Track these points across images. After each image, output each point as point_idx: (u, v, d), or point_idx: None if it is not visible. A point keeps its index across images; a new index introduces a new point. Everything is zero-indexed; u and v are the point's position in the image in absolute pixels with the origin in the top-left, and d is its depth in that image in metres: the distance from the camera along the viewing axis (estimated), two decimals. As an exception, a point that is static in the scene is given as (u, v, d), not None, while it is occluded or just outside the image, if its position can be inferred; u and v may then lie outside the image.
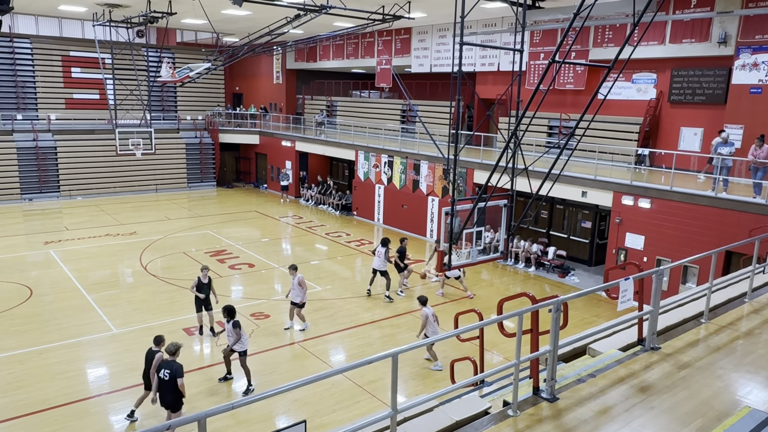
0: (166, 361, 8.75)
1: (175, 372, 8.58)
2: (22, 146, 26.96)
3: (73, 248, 19.51)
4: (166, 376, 8.60)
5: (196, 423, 3.31)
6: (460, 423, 4.95)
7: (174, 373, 8.57)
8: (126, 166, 28.95)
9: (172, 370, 8.59)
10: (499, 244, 11.49)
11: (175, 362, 8.70)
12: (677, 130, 17.36)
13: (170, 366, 8.65)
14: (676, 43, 16.69)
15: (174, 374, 8.57)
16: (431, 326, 11.60)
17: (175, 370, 8.59)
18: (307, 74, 33.31)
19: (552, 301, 5.20)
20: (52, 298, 14.92)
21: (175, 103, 32.88)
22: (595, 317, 14.37)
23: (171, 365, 8.65)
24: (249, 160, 34.10)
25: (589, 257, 19.08)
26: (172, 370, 8.60)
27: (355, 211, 26.03)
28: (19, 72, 28.12)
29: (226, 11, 21.42)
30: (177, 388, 8.62)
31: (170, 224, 23.39)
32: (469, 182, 20.05)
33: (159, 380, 8.70)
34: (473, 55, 22.49)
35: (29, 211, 25.49)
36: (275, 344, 12.56)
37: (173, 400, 8.72)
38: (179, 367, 8.66)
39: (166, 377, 8.61)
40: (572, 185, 16.48)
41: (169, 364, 8.68)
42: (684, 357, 6.17)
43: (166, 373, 8.60)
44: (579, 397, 5.27)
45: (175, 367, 8.61)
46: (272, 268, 18.00)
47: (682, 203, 14.29)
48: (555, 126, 20.34)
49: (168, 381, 8.59)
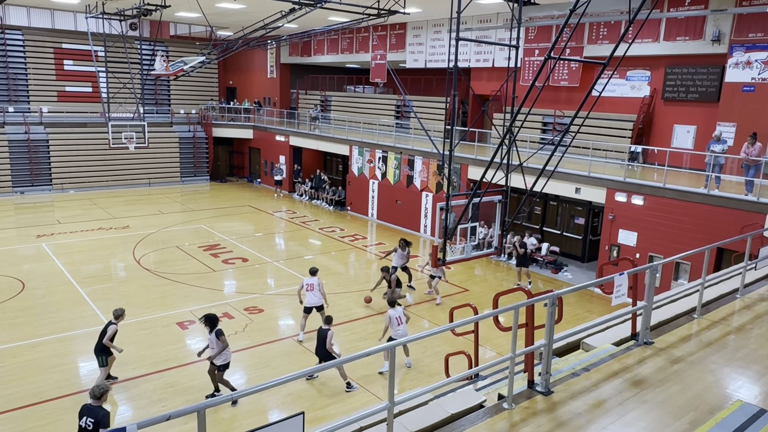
0: (90, 407, 7.11)
1: (99, 420, 7.00)
2: (14, 139, 26.74)
3: (66, 242, 19.40)
4: (89, 425, 6.99)
5: (195, 414, 3.32)
6: (455, 416, 4.98)
7: (98, 422, 6.98)
8: (119, 159, 28.79)
9: (97, 418, 7.01)
10: (492, 239, 11.53)
11: (102, 408, 7.14)
12: (670, 128, 17.47)
13: (95, 413, 7.06)
14: (671, 41, 16.77)
15: (98, 424, 6.98)
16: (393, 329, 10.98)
17: (100, 418, 7.02)
18: (302, 69, 33.21)
19: (548, 296, 5.23)
20: (44, 292, 14.84)
21: (168, 97, 32.70)
22: (588, 313, 14.47)
23: (96, 412, 7.06)
24: (242, 155, 33.99)
25: (582, 253, 19.19)
26: (97, 418, 7.02)
27: (348, 206, 26.02)
28: (11, 64, 27.85)
29: (220, 4, 21.31)
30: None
31: (163, 218, 23.30)
32: (463, 178, 20.09)
33: (80, 429, 7.10)
34: (468, 50, 22.49)
35: (21, 204, 25.30)
36: (269, 339, 12.56)
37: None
38: (105, 414, 7.11)
39: (89, 427, 7.00)
40: (566, 182, 16.55)
41: (94, 410, 7.08)
42: (677, 352, 6.24)
43: (89, 421, 7.00)
44: (573, 391, 5.32)
45: (102, 415, 7.06)
46: (266, 263, 17.98)
47: (674, 200, 14.39)
48: (549, 122, 20.41)
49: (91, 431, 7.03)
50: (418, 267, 18.30)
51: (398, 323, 11.00)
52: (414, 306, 14.91)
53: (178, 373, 10.90)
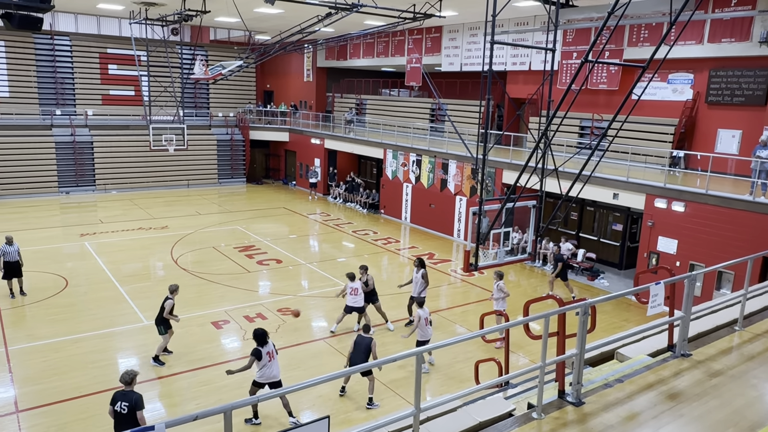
0: (123, 392, 7.50)
1: (134, 404, 7.41)
2: (61, 141, 27.76)
3: (107, 241, 20.00)
4: (124, 409, 7.38)
5: (221, 415, 3.37)
6: (483, 424, 4.92)
7: (133, 406, 7.41)
8: (159, 161, 29.55)
9: (131, 402, 7.40)
10: (526, 245, 11.37)
11: (134, 392, 7.53)
12: (714, 132, 16.92)
13: (128, 397, 7.43)
14: (715, 43, 16.26)
15: (133, 407, 7.41)
16: (422, 329, 11.03)
17: (134, 401, 7.42)
18: (337, 72, 33.46)
19: (579, 304, 5.12)
20: (86, 289, 15.32)
21: (207, 100, 33.42)
22: (625, 322, 14.12)
23: (129, 396, 7.43)
24: (278, 157, 34.44)
25: (619, 260, 18.74)
26: (131, 402, 7.41)
27: (382, 209, 26.07)
28: (59, 69, 28.91)
29: (258, 9, 21.65)
30: (136, 422, 7.38)
31: (201, 219, 23.79)
32: (497, 182, 19.89)
33: (116, 414, 7.46)
34: (504, 54, 22.28)
35: (66, 203, 26.22)
36: (301, 340, 12.67)
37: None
38: (138, 397, 7.49)
39: (124, 411, 7.37)
40: (603, 187, 16.21)
41: (127, 395, 7.45)
42: (716, 365, 6.02)
43: (124, 406, 7.39)
44: (605, 402, 5.19)
45: (135, 399, 7.45)
46: (299, 265, 18.15)
47: (717, 207, 13.93)
48: (587, 126, 20.02)
49: (126, 415, 7.36)
50: (450, 271, 18.20)
51: (426, 323, 11.08)
52: (445, 311, 14.83)
53: (212, 372, 11.09)
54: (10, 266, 14.18)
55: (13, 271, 14.27)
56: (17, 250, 14.24)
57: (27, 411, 9.62)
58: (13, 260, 14.16)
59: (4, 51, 27.32)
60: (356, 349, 10.02)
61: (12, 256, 14.12)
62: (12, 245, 14.18)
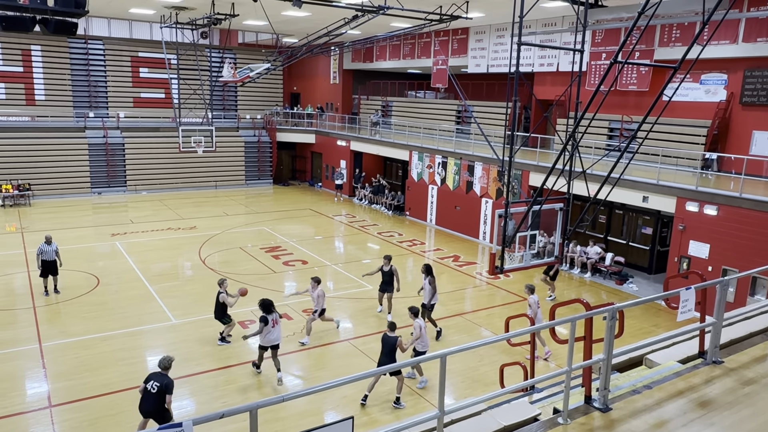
0: (157, 374, 8.32)
1: (165, 387, 8.16)
2: (93, 142, 28.45)
3: (137, 240, 20.41)
4: (154, 388, 8.16)
5: (247, 414, 3.41)
6: (508, 428, 4.87)
7: (164, 389, 8.15)
8: (188, 162, 30.06)
9: (162, 385, 8.17)
10: (553, 248, 11.24)
11: (167, 377, 8.30)
12: (749, 134, 16.48)
13: (161, 380, 8.22)
14: (750, 42, 15.85)
15: (164, 389, 8.15)
16: (423, 339, 10.59)
17: (165, 385, 8.17)
18: (364, 74, 33.59)
19: (607, 309, 5.04)
20: (117, 288, 15.66)
21: (235, 103, 33.87)
22: (654, 327, 13.85)
23: (162, 379, 8.22)
24: (305, 159, 34.70)
25: (649, 265, 18.39)
26: (162, 384, 8.17)
27: (407, 211, 26.05)
28: (92, 72, 29.64)
29: (286, 13, 21.87)
30: (161, 402, 8.16)
31: (228, 220, 24.11)
32: (524, 185, 19.70)
33: (145, 390, 8.24)
34: (532, 55, 22.08)
35: (98, 204, 26.84)
36: (326, 341, 12.73)
37: (153, 410, 8.21)
38: (170, 382, 8.25)
39: (153, 390, 8.16)
40: (633, 190, 15.93)
41: (160, 377, 8.25)
42: (749, 373, 5.86)
43: (155, 385, 8.17)
44: (633, 409, 5.09)
45: (166, 382, 8.20)
46: (325, 266, 18.25)
47: (752, 211, 13.57)
48: (616, 128, 19.71)
49: (155, 394, 8.15)
50: (476, 274, 18.10)
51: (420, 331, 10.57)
52: (470, 314, 14.74)
53: (239, 371, 11.23)
54: (47, 265, 14.65)
55: (48, 269, 14.72)
56: (54, 250, 14.70)
57: (59, 406, 9.87)
58: (50, 259, 14.62)
59: (41, 55, 28.12)
60: (382, 350, 10.03)
61: (49, 255, 14.59)
62: (50, 245, 14.68)
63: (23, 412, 9.66)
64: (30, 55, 27.91)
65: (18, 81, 27.85)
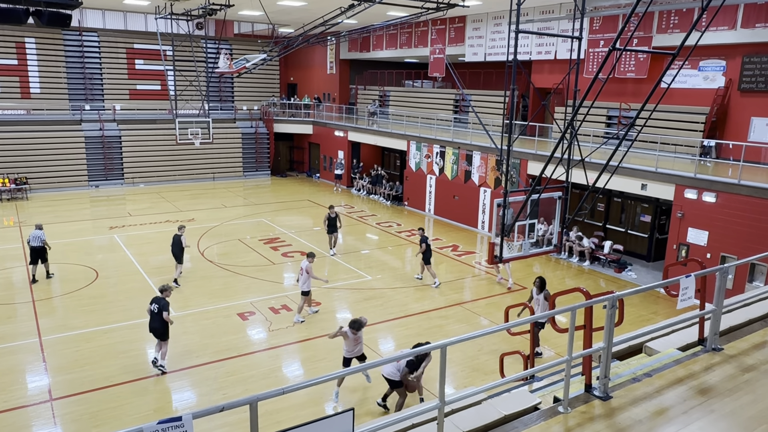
0: (157, 298, 10.80)
1: (162, 307, 10.57)
2: (90, 135, 28.31)
3: (136, 233, 20.36)
4: (155, 309, 10.62)
5: (248, 406, 3.40)
6: (508, 417, 4.88)
7: (161, 308, 10.56)
8: (185, 154, 29.95)
9: (160, 305, 10.59)
10: (552, 236, 11.24)
11: (163, 299, 10.69)
12: (747, 121, 16.45)
13: (159, 302, 10.66)
14: (749, 28, 15.77)
15: (161, 308, 10.55)
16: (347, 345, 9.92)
17: (162, 305, 10.58)
18: (360, 64, 33.42)
19: (607, 297, 5.03)
20: (116, 281, 15.64)
21: (232, 94, 33.70)
22: (653, 314, 13.89)
23: (159, 301, 10.66)
24: (302, 150, 34.60)
25: (647, 252, 18.42)
26: (160, 305, 10.60)
27: (406, 201, 26.02)
28: (88, 64, 29.44)
29: (281, 2, 21.72)
30: (162, 319, 10.50)
31: (226, 212, 24.06)
32: (522, 174, 19.67)
33: (150, 311, 10.70)
34: (529, 43, 21.96)
35: (96, 197, 26.75)
36: (326, 330, 12.74)
37: (160, 327, 10.60)
38: (165, 303, 10.66)
39: (155, 310, 10.62)
40: (631, 177, 15.91)
41: (158, 300, 10.70)
42: (748, 359, 5.87)
43: (156, 306, 10.63)
44: (633, 397, 5.10)
45: (162, 303, 10.61)
46: (324, 257, 18.24)
47: (750, 197, 13.57)
48: (614, 116, 19.66)
49: (156, 314, 10.58)
50: (474, 263, 18.11)
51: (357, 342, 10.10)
52: (470, 303, 14.77)
53: (239, 363, 11.24)
54: (34, 251, 15.10)
55: (36, 255, 15.15)
56: (38, 236, 15.07)
57: (60, 399, 9.88)
58: (37, 246, 15.04)
59: (35, 48, 27.91)
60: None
61: (36, 241, 15.02)
62: (37, 230, 15.15)
63: (24, 405, 9.68)
64: (24, 48, 27.70)
65: (13, 74, 27.65)
